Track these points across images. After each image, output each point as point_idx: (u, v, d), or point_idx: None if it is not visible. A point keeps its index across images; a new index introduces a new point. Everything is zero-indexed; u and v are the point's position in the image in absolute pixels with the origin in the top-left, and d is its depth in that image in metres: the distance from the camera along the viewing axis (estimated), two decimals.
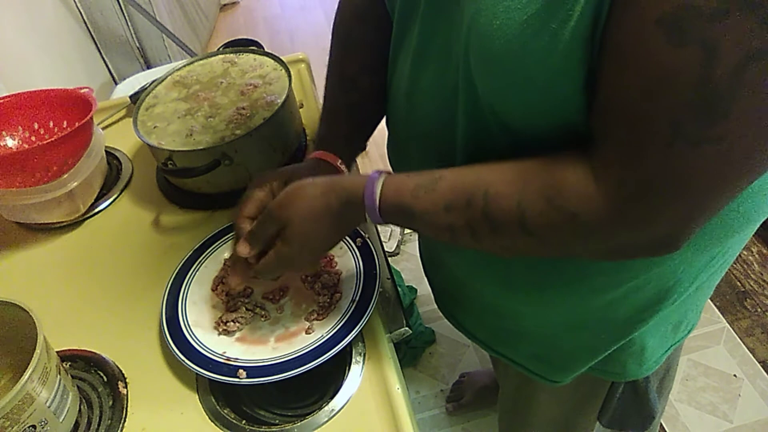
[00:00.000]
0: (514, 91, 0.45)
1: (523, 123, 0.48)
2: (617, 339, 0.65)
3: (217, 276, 0.75)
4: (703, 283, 0.64)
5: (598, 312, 0.61)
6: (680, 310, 0.66)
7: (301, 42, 2.99)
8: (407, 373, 1.55)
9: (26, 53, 1.56)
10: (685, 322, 0.69)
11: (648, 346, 0.67)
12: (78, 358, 0.71)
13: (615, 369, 0.69)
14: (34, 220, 0.88)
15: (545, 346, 0.70)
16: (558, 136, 0.47)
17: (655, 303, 0.60)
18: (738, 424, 1.40)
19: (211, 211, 0.88)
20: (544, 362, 0.71)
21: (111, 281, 0.81)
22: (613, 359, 0.68)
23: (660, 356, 0.69)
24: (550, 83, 0.42)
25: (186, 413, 0.65)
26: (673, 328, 0.68)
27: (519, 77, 0.44)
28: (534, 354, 0.71)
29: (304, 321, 0.68)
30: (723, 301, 1.64)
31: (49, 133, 0.94)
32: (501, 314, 0.69)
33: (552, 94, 0.43)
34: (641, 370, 0.69)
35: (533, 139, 0.48)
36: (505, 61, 0.43)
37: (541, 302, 0.62)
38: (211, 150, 0.83)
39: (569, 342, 0.67)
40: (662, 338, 0.68)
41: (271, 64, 0.98)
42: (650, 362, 0.68)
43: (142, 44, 2.24)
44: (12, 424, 0.54)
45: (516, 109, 0.47)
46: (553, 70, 0.41)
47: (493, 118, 0.50)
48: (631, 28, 0.37)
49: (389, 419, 0.61)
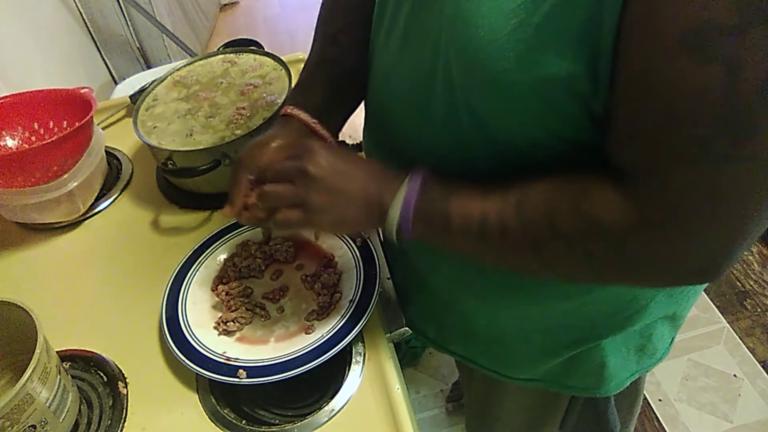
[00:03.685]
0: (491, 89, 0.45)
1: (500, 127, 0.47)
2: (573, 345, 0.65)
3: (217, 276, 0.75)
4: (669, 313, 0.65)
5: (549, 320, 0.62)
6: (644, 333, 0.66)
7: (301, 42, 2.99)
8: (407, 373, 1.55)
9: (26, 53, 1.56)
10: (650, 349, 0.68)
11: (609, 365, 0.66)
12: (78, 358, 0.71)
13: (573, 383, 0.69)
14: (34, 220, 0.88)
15: (496, 346, 0.69)
16: (540, 147, 0.47)
17: (607, 314, 0.61)
18: (738, 424, 1.39)
19: (211, 211, 0.88)
20: (496, 361, 0.71)
21: (111, 281, 0.81)
22: (573, 372, 0.68)
23: (623, 380, 0.69)
24: (533, 85, 0.42)
25: (186, 413, 0.65)
26: (636, 352, 0.68)
27: (497, 74, 0.43)
28: (486, 352, 0.71)
29: (304, 321, 0.68)
30: (723, 301, 1.64)
31: (49, 133, 0.94)
32: (453, 311, 0.69)
33: (533, 98, 0.43)
34: (601, 389, 0.68)
35: (511, 147, 0.48)
36: (484, 53, 0.43)
37: (495, 305, 0.62)
38: (211, 150, 0.83)
39: (521, 345, 0.67)
40: (624, 360, 0.67)
41: (271, 64, 0.98)
42: (611, 384, 0.68)
43: (142, 44, 2.24)
44: (12, 424, 0.54)
45: (495, 113, 0.47)
46: (534, 68, 0.41)
47: (468, 117, 0.49)
48: (650, 47, 0.36)
49: (389, 419, 0.61)
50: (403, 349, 1.55)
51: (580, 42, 0.39)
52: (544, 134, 0.46)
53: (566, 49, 0.40)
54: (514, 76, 0.42)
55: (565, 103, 0.43)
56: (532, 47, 0.40)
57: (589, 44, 0.39)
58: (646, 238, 0.42)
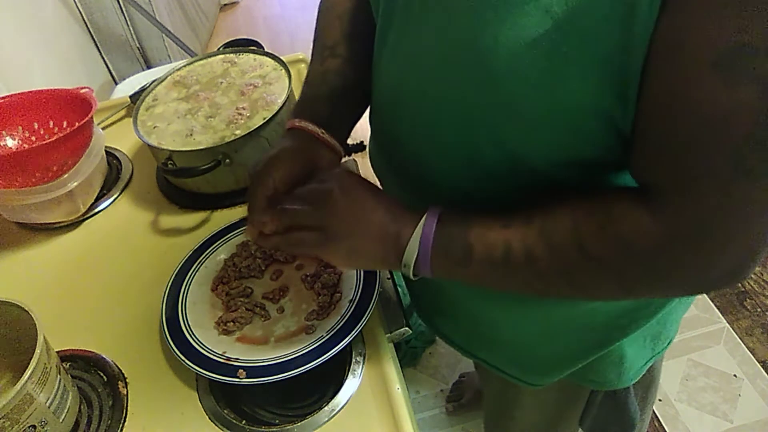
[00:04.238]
0: (510, 112, 0.44)
1: (519, 148, 0.47)
2: (595, 347, 0.65)
3: (217, 276, 0.75)
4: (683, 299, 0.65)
5: (574, 321, 0.62)
6: (660, 322, 0.66)
7: (301, 42, 3.00)
8: (407, 373, 1.55)
9: (26, 53, 1.56)
10: (665, 334, 0.69)
11: (627, 356, 0.66)
12: (78, 358, 0.71)
13: (594, 377, 0.69)
14: (34, 220, 0.88)
15: (522, 352, 0.69)
16: (559, 167, 0.47)
17: (631, 310, 0.61)
18: (738, 424, 1.39)
19: (211, 211, 0.88)
20: (522, 367, 0.71)
21: (111, 281, 0.81)
22: (593, 368, 0.68)
23: (640, 368, 0.69)
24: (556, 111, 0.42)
25: (186, 413, 0.65)
26: (652, 339, 0.68)
27: (517, 99, 0.43)
28: (511, 359, 0.71)
29: (304, 321, 0.68)
30: (723, 301, 1.64)
31: (49, 133, 0.94)
32: (478, 321, 0.69)
33: (557, 122, 0.43)
34: (621, 380, 0.69)
35: (530, 167, 0.48)
36: (503, 81, 0.43)
37: (519, 312, 0.62)
38: (211, 150, 0.83)
39: (546, 349, 0.67)
40: (641, 349, 0.68)
41: (271, 64, 0.98)
42: (630, 373, 0.68)
43: (142, 44, 2.24)
44: (12, 424, 0.54)
45: (514, 135, 0.46)
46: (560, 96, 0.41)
47: (486, 138, 0.48)
48: (683, 69, 0.36)
49: (389, 419, 0.61)
50: (403, 349, 1.56)
51: (608, 69, 0.39)
52: (565, 156, 0.46)
53: (593, 76, 0.40)
54: (535, 102, 0.43)
55: (592, 126, 0.43)
56: (556, 75, 0.40)
57: (617, 70, 0.39)
58: (677, 254, 0.42)
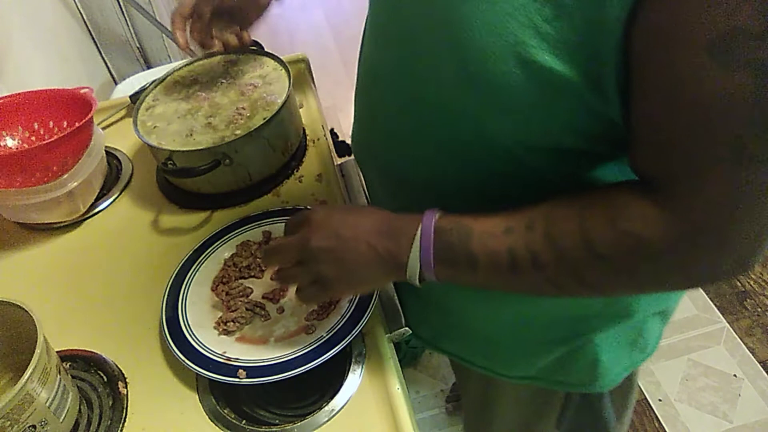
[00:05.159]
0: (488, 90, 0.44)
1: (497, 130, 0.47)
2: (565, 341, 0.65)
3: (217, 276, 0.75)
4: (660, 310, 0.65)
5: (547, 314, 0.62)
6: (635, 327, 0.66)
7: (301, 42, 2.99)
8: (407, 373, 1.55)
9: (26, 53, 1.56)
10: (641, 343, 0.68)
11: (602, 360, 0.66)
12: (78, 358, 0.71)
13: (568, 379, 0.70)
14: (34, 220, 0.88)
15: (491, 342, 0.70)
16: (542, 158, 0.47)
17: (603, 306, 0.61)
18: (738, 424, 1.39)
19: (211, 211, 0.88)
20: (491, 359, 0.71)
21: (111, 281, 0.81)
22: (567, 369, 0.68)
23: (616, 375, 0.69)
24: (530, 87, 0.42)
25: (186, 413, 0.65)
26: (628, 346, 0.68)
27: (494, 76, 0.43)
28: (480, 351, 0.72)
29: (304, 321, 0.68)
30: (723, 301, 1.64)
31: (49, 133, 0.94)
32: (447, 310, 0.69)
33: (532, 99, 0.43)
34: (596, 384, 0.69)
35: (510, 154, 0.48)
36: (479, 54, 0.43)
37: (490, 301, 0.63)
38: (211, 150, 0.83)
39: (516, 340, 0.67)
40: (617, 355, 0.67)
41: (271, 64, 0.98)
42: (605, 379, 0.68)
43: (142, 44, 2.24)
44: (12, 424, 0.54)
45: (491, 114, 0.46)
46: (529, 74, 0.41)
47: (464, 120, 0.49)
48: (677, 55, 0.36)
49: (389, 419, 0.61)
50: (403, 349, 1.55)
51: (578, 47, 0.39)
52: (542, 141, 0.46)
53: (563, 53, 0.40)
54: (510, 76, 0.42)
55: (564, 106, 0.43)
56: (528, 47, 0.41)
57: (587, 51, 0.39)
58: (687, 246, 0.42)
